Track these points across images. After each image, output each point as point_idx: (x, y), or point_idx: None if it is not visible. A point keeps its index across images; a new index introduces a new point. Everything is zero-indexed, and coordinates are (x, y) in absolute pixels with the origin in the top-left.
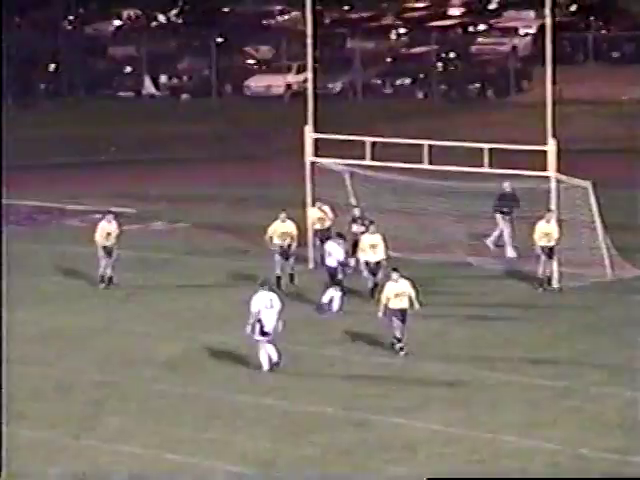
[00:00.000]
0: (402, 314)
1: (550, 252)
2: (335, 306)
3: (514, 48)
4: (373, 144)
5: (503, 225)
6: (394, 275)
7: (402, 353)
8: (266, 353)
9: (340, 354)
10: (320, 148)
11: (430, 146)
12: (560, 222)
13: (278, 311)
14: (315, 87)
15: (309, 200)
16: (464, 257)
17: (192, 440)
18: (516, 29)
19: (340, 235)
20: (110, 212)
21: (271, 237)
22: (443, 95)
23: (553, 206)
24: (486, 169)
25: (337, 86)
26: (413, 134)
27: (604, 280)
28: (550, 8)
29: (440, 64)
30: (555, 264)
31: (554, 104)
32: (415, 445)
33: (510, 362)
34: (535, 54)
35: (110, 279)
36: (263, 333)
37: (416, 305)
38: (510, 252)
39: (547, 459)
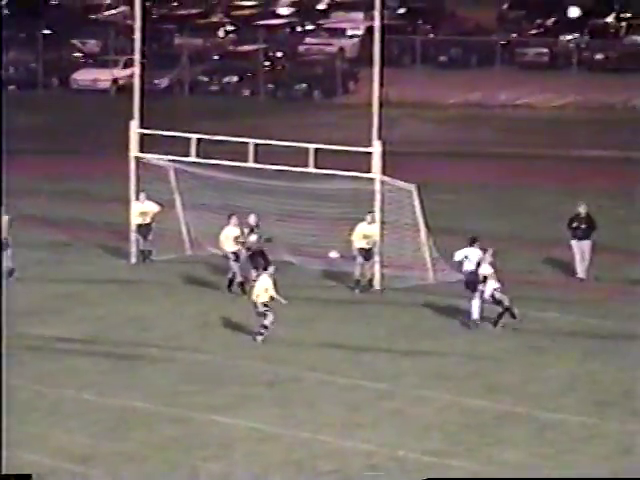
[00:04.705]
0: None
1: (367, 254)
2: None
3: (341, 49)
4: (198, 141)
5: (576, 251)
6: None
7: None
8: None
9: (160, 351)
10: (146, 144)
11: (256, 144)
12: (384, 224)
13: None
14: (142, 82)
15: (133, 195)
16: (286, 256)
17: (9, 432)
18: (344, 30)
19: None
20: None
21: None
22: (270, 94)
23: (377, 208)
24: (311, 169)
25: (164, 82)
26: (239, 132)
27: (426, 283)
28: (378, 10)
29: (267, 63)
30: (377, 265)
31: (380, 106)
32: (232, 443)
33: (330, 362)
34: (362, 56)
35: None
36: None
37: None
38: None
39: (364, 460)
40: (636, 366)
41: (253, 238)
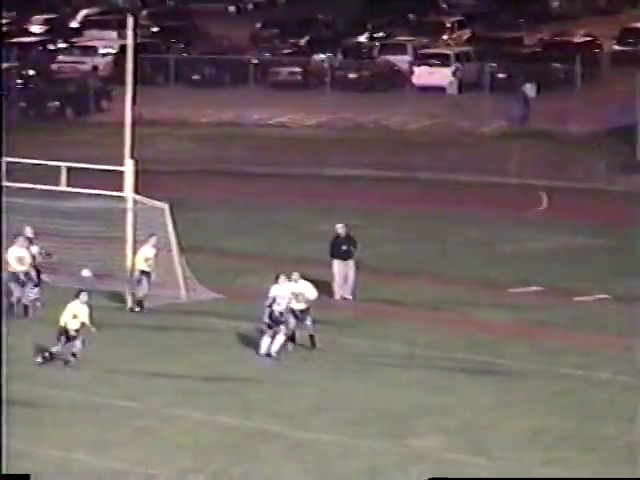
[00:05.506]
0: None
1: (147, 276)
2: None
3: (95, 67)
4: None
5: (338, 271)
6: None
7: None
8: None
9: None
10: None
11: (6, 163)
12: (136, 243)
13: None
14: None
15: None
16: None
17: None
18: (97, 48)
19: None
20: None
21: None
22: (22, 112)
23: (130, 226)
24: (63, 187)
25: None
26: None
27: (179, 302)
28: (132, 29)
29: (20, 81)
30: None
31: (133, 125)
32: None
33: (81, 381)
34: (116, 74)
35: None
36: None
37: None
38: (340, 295)
39: (117, 479)
40: (387, 385)
41: (35, 250)
